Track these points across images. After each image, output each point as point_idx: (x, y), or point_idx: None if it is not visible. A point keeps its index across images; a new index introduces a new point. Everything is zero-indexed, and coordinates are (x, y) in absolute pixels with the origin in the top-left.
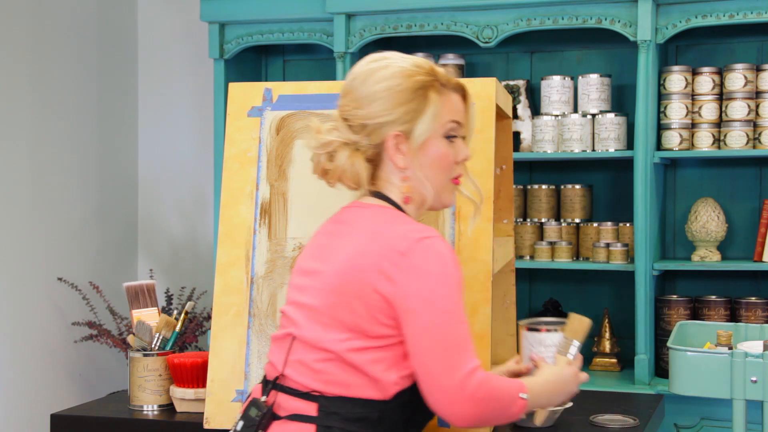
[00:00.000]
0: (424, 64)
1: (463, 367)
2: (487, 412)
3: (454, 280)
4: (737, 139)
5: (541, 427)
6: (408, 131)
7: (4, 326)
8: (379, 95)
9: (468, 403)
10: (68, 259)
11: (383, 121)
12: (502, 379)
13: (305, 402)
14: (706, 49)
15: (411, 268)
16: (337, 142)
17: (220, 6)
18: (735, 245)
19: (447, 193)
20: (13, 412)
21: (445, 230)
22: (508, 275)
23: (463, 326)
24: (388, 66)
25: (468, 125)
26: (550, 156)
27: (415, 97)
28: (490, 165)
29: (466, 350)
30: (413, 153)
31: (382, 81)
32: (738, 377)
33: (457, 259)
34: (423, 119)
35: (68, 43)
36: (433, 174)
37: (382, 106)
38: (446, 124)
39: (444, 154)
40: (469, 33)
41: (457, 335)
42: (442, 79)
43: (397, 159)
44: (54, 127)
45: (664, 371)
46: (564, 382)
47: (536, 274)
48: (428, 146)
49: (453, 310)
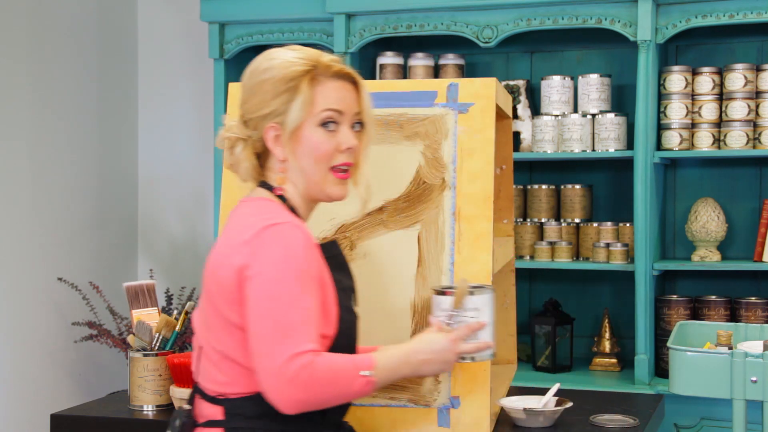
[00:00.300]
0: (307, 55)
1: (285, 351)
2: (315, 396)
3: (293, 265)
4: (737, 139)
5: (540, 427)
6: (282, 122)
7: (4, 326)
8: (257, 89)
9: (290, 387)
10: (68, 259)
11: (261, 114)
12: (338, 360)
13: (213, 406)
14: (706, 49)
15: (251, 255)
16: (233, 137)
17: (220, 6)
18: (735, 245)
19: (329, 185)
20: (13, 412)
21: (445, 230)
22: (508, 275)
23: (294, 311)
24: (270, 59)
25: (364, 112)
26: (550, 156)
27: (287, 88)
28: (490, 165)
29: (293, 335)
30: (289, 144)
31: (260, 74)
32: (738, 377)
33: (308, 246)
34: (292, 110)
35: (68, 43)
36: (308, 164)
37: (259, 99)
38: (320, 113)
39: (317, 144)
40: (469, 33)
41: (285, 320)
42: (320, 68)
43: (277, 151)
44: (54, 127)
45: (664, 371)
46: (432, 351)
47: (536, 274)
48: (301, 136)
49: (285, 294)
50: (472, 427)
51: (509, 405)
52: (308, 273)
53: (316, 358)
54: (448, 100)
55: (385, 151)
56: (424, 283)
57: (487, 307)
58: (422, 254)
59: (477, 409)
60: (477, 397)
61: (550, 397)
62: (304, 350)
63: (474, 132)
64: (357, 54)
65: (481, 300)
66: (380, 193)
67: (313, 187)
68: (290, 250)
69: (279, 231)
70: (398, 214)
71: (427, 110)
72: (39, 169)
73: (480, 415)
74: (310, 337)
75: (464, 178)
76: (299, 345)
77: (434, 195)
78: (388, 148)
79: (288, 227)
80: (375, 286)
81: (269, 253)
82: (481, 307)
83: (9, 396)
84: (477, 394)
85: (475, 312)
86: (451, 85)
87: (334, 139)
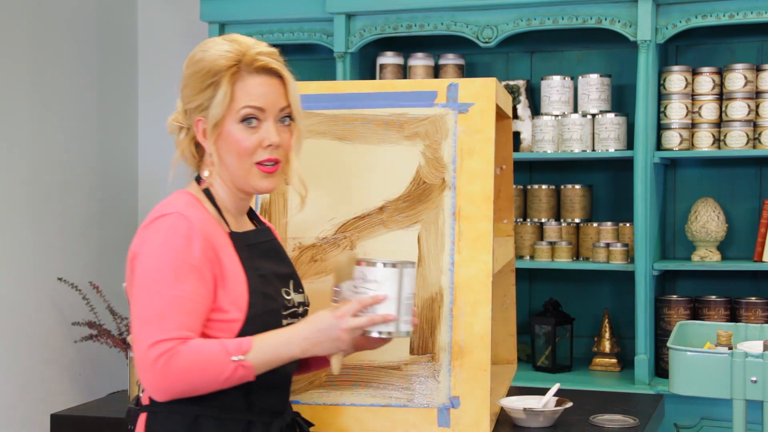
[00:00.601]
0: (236, 48)
1: (148, 338)
2: (180, 383)
3: (169, 254)
4: (737, 139)
5: (540, 427)
6: (206, 117)
7: (4, 326)
8: (188, 80)
9: (155, 375)
10: (68, 259)
11: (191, 107)
12: (207, 346)
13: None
14: (706, 49)
15: (140, 245)
16: (175, 124)
17: (220, 6)
18: (735, 245)
19: (254, 178)
20: (13, 412)
21: (445, 230)
22: (508, 275)
23: (162, 299)
24: (203, 51)
25: (292, 107)
26: (550, 156)
27: (210, 83)
28: (490, 165)
29: (158, 322)
30: (212, 138)
31: (191, 66)
32: (738, 377)
33: (190, 235)
34: (213, 105)
35: (68, 43)
36: (231, 159)
37: (188, 92)
38: (240, 110)
39: (237, 140)
40: (469, 33)
41: (152, 308)
42: (244, 63)
43: (206, 144)
44: (54, 127)
45: (664, 371)
46: (317, 329)
47: (536, 274)
48: (223, 132)
49: (156, 283)
50: (472, 427)
51: (509, 405)
52: (187, 262)
53: (179, 345)
54: (448, 100)
55: (385, 151)
56: (424, 283)
57: (390, 281)
58: (422, 254)
59: (477, 409)
60: (477, 397)
61: (550, 397)
62: (166, 338)
63: (474, 132)
64: (357, 54)
65: (381, 273)
66: (380, 193)
67: (240, 181)
68: (169, 239)
69: (164, 221)
70: (398, 214)
71: (427, 110)
72: (39, 169)
73: (480, 415)
74: (177, 325)
75: (464, 178)
76: (163, 333)
77: (434, 195)
78: (388, 148)
79: (173, 218)
80: None
81: (150, 243)
82: (381, 280)
83: (9, 396)
84: (477, 394)
85: (375, 285)
86: (451, 85)
87: (255, 136)
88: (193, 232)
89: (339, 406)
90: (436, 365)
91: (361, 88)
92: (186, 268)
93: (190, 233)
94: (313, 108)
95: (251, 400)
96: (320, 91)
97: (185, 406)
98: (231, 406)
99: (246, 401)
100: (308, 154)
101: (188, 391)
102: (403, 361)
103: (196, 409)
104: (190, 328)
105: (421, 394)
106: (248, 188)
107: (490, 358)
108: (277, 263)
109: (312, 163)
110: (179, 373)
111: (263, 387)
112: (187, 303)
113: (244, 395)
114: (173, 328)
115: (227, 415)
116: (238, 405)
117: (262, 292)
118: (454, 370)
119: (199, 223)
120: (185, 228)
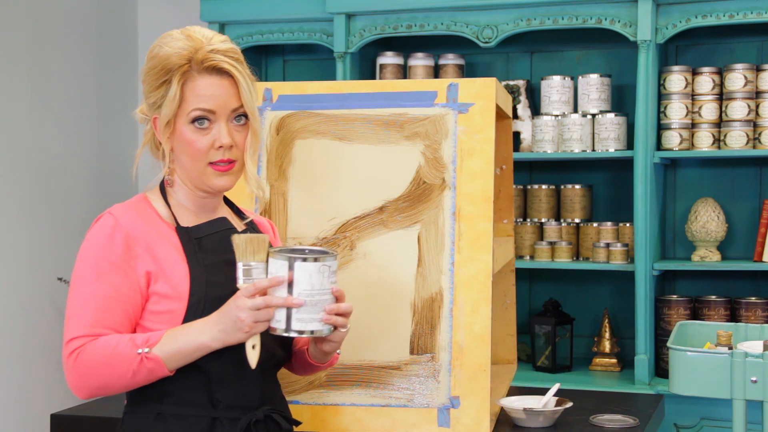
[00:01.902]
0: (189, 45)
1: (66, 336)
2: (92, 379)
3: (89, 253)
4: (737, 139)
5: (540, 427)
6: (159, 115)
7: (4, 326)
8: (143, 76)
9: (68, 372)
10: (68, 259)
11: (149, 102)
12: (115, 341)
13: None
14: (706, 49)
15: None
16: (141, 116)
17: (220, 6)
18: (735, 245)
19: (209, 178)
20: (13, 412)
21: (445, 230)
22: (508, 275)
23: (78, 298)
24: (159, 46)
25: (246, 106)
26: (550, 156)
27: (163, 82)
28: (490, 165)
29: (75, 321)
30: (165, 136)
31: (148, 61)
32: (738, 377)
33: (112, 234)
34: (164, 104)
35: (68, 42)
36: (185, 159)
37: (146, 87)
38: (191, 112)
39: (189, 141)
40: (469, 33)
41: (71, 307)
42: (194, 62)
43: (163, 141)
44: (54, 126)
45: (664, 371)
46: (218, 312)
47: (536, 274)
48: (176, 132)
49: (77, 284)
50: (472, 427)
51: (509, 405)
52: (107, 260)
53: (89, 342)
54: (448, 100)
55: (385, 151)
56: (424, 283)
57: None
58: (422, 254)
59: (477, 409)
60: (477, 397)
61: (550, 397)
62: (78, 335)
63: (474, 132)
64: (357, 54)
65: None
66: (380, 193)
67: (196, 180)
68: (93, 239)
69: (96, 223)
70: (398, 214)
71: (427, 110)
72: (38, 168)
73: (480, 415)
74: (91, 323)
75: (464, 178)
76: (76, 330)
77: (434, 195)
78: (388, 148)
79: (103, 218)
80: (375, 286)
81: (82, 245)
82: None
83: (9, 396)
84: (477, 394)
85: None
86: (451, 85)
87: (207, 137)
88: (116, 230)
89: (339, 406)
90: (436, 365)
91: (361, 88)
92: (106, 266)
93: (112, 232)
94: (313, 108)
95: (213, 396)
96: (320, 91)
97: (148, 405)
98: (192, 401)
99: (207, 396)
100: (308, 154)
101: (100, 386)
102: (403, 361)
103: (157, 407)
104: (106, 325)
105: (421, 394)
106: (205, 187)
107: (490, 358)
108: (226, 253)
109: (312, 163)
110: (88, 368)
111: (225, 381)
112: (104, 300)
113: (204, 390)
114: (86, 326)
115: (189, 411)
116: (199, 400)
117: (205, 281)
118: (454, 370)
119: (127, 221)
120: (109, 227)
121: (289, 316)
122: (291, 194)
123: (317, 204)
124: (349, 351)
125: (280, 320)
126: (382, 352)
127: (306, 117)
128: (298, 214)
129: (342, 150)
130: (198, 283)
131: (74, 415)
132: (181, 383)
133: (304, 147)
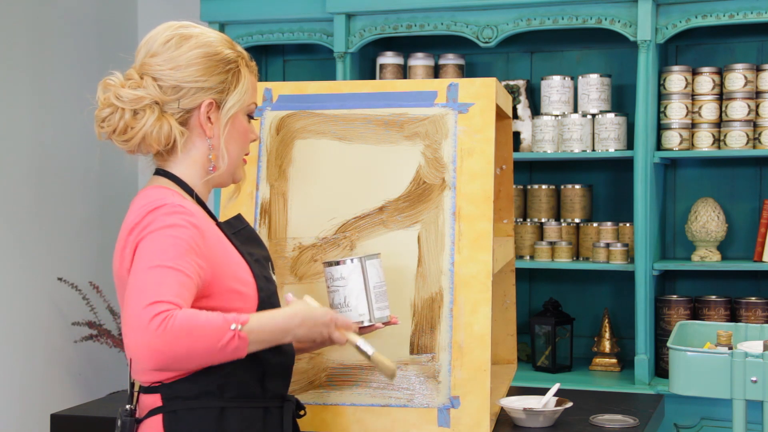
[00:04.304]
0: (230, 40)
1: (144, 300)
2: (179, 347)
3: (175, 232)
4: (737, 139)
5: (540, 427)
6: (220, 101)
7: (4, 326)
8: (196, 61)
9: (148, 336)
10: (68, 259)
11: (199, 86)
12: (205, 312)
13: (152, 395)
14: (706, 49)
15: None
16: (148, 99)
17: (220, 6)
18: (735, 245)
19: (239, 169)
20: (13, 412)
21: (445, 230)
22: (508, 275)
23: (159, 271)
24: (202, 35)
25: None
26: (550, 156)
27: (228, 69)
28: (490, 165)
29: (156, 288)
30: (220, 124)
31: (199, 48)
32: (738, 377)
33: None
34: (235, 93)
35: (68, 43)
36: (233, 148)
37: (200, 71)
38: (250, 104)
39: (245, 131)
40: (469, 33)
41: (150, 278)
42: (246, 60)
43: (207, 127)
44: (54, 127)
45: (664, 371)
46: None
47: (536, 274)
48: (235, 120)
49: (157, 261)
50: (472, 427)
51: (509, 405)
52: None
53: (176, 310)
54: (448, 100)
55: (385, 151)
56: (424, 283)
57: (356, 275)
58: (422, 254)
59: (477, 409)
60: (477, 397)
61: (550, 397)
62: (163, 299)
63: (474, 132)
64: (357, 54)
65: (345, 269)
66: (380, 193)
67: (233, 170)
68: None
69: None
70: (398, 214)
71: (427, 110)
72: (39, 169)
73: (480, 415)
74: (174, 293)
75: (464, 178)
76: (160, 296)
77: (434, 195)
78: (388, 148)
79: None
80: None
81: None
82: (347, 275)
83: (9, 396)
84: (477, 394)
85: (342, 281)
86: (451, 85)
87: (251, 129)
88: (191, 217)
89: (339, 406)
90: (436, 365)
91: (361, 88)
92: (184, 247)
93: (186, 218)
94: (313, 108)
95: (265, 386)
96: (320, 91)
97: (208, 401)
98: (251, 393)
99: (261, 387)
100: (308, 154)
101: (182, 356)
102: (403, 361)
103: (219, 402)
104: (186, 301)
105: (421, 394)
106: (229, 178)
107: (490, 358)
108: (259, 247)
109: (312, 163)
110: (177, 333)
111: (276, 372)
112: (184, 278)
113: (259, 381)
114: (171, 294)
115: (248, 404)
116: (256, 392)
117: (264, 276)
118: (454, 370)
119: (196, 211)
120: (185, 213)
121: (371, 307)
122: (291, 194)
123: (317, 204)
124: (349, 351)
125: (363, 313)
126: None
127: (306, 117)
128: (298, 214)
129: (342, 150)
130: (260, 278)
131: (74, 415)
132: (243, 375)
133: (304, 147)
